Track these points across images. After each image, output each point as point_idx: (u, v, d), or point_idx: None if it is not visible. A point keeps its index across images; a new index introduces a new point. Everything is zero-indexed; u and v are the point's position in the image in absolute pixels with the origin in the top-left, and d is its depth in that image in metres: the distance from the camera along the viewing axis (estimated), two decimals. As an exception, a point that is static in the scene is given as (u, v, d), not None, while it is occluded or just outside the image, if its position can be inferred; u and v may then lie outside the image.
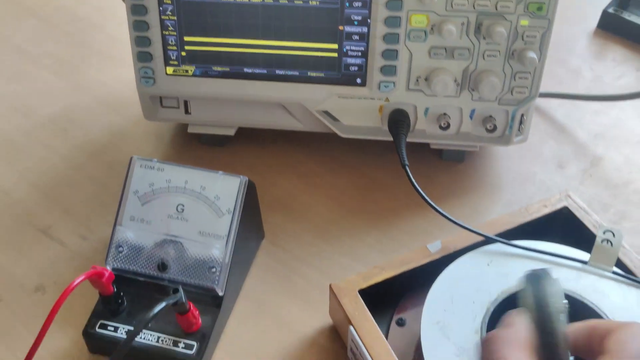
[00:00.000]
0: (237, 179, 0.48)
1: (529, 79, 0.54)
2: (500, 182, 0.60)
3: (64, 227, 0.56)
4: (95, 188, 0.60)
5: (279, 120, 0.59)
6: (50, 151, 0.63)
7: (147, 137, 0.65)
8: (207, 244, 0.47)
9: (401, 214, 0.58)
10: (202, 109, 0.59)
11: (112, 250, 0.48)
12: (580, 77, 0.72)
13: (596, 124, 0.66)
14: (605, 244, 0.46)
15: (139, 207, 0.49)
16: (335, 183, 0.61)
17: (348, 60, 0.55)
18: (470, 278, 0.45)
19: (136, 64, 0.57)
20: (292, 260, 0.54)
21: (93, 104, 0.69)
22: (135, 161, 0.49)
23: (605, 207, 0.58)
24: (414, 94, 0.55)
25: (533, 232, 0.49)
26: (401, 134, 0.55)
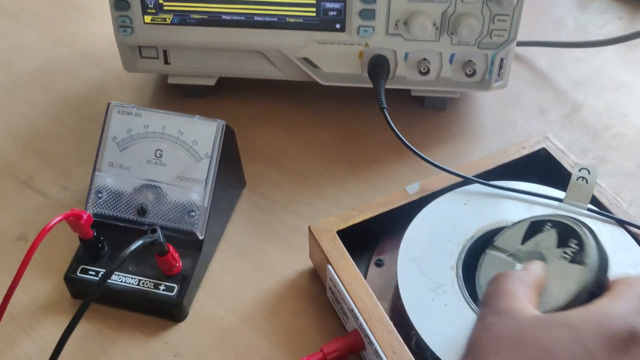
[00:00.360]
0: (214, 123, 0.48)
1: (508, 21, 0.54)
2: (481, 129, 0.61)
3: (45, 178, 0.56)
4: (75, 140, 0.60)
5: (259, 68, 0.59)
6: (31, 105, 0.63)
7: (128, 90, 0.64)
8: (186, 188, 0.48)
9: (381, 161, 0.58)
10: (181, 58, 0.59)
11: (91, 196, 0.48)
12: (563, 26, 0.71)
13: (578, 71, 0.66)
14: (581, 181, 0.46)
15: (118, 153, 0.49)
16: (316, 133, 0.61)
17: (327, 5, 0.55)
18: (447, 217, 0.45)
19: (113, 13, 0.56)
20: (273, 207, 0.54)
21: (73, 58, 0.68)
22: (113, 107, 0.49)
23: (584, 151, 0.58)
24: (394, 38, 0.55)
25: (511, 173, 0.50)
26: (380, 79, 0.55)
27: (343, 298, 0.42)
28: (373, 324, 0.40)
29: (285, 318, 0.47)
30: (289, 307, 0.47)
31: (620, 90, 0.64)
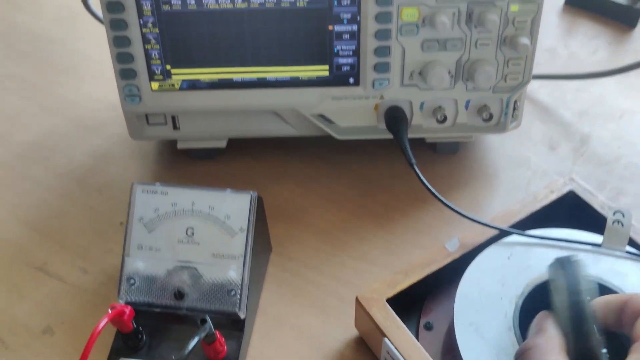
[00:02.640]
0: (247, 196, 0.47)
1: (522, 64, 0.54)
2: (496, 170, 0.61)
3: (61, 262, 0.54)
4: (87, 216, 0.57)
5: (272, 127, 0.58)
6: (33, 182, 0.60)
7: (133, 157, 0.62)
8: (222, 265, 0.46)
9: (404, 210, 0.57)
10: (191, 123, 0.57)
11: (123, 284, 0.46)
12: (556, 55, 0.73)
13: (579, 102, 0.67)
14: (617, 225, 0.47)
15: (146, 234, 0.47)
16: (333, 186, 0.60)
17: (339, 60, 0.54)
18: (494, 274, 0.45)
19: (119, 82, 0.54)
20: (302, 269, 0.53)
21: (69, 126, 0.66)
22: (136, 187, 0.47)
23: (601, 184, 0.59)
24: (409, 89, 0.55)
25: (543, 218, 0.50)
26: (402, 132, 0.54)
27: (406, 371, 0.41)
28: (444, 398, 0.39)
29: (338, 391, 0.45)
30: (340, 379, 0.46)
31: (623, 118, 0.65)
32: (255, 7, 0.51)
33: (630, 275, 0.45)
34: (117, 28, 0.51)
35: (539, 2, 0.51)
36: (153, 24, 0.52)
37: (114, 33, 0.51)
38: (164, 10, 0.51)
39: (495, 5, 0.51)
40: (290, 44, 0.53)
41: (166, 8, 0.51)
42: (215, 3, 0.51)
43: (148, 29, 0.52)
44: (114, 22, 0.51)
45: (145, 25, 0.52)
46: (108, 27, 0.51)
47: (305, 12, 0.51)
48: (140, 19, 0.51)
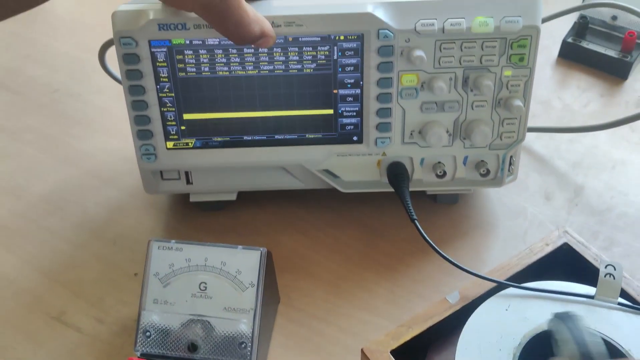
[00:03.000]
0: (257, 252, 0.49)
1: (516, 124, 0.57)
2: (494, 219, 0.63)
3: (78, 312, 0.56)
4: (102, 267, 0.60)
5: (281, 181, 0.61)
6: (49, 233, 0.63)
7: (146, 209, 0.65)
8: (234, 319, 0.48)
9: (407, 261, 0.60)
10: (203, 178, 0.60)
11: (139, 336, 0.48)
12: (551, 107, 0.76)
13: (572, 153, 0.70)
14: (608, 278, 0.49)
15: (161, 289, 0.49)
16: (338, 236, 0.62)
17: (344, 120, 0.57)
18: (492, 325, 0.47)
19: (136, 142, 0.57)
20: (309, 320, 0.55)
21: (84, 178, 0.69)
22: (152, 244, 0.50)
23: (594, 234, 0.62)
24: (410, 146, 0.58)
25: (538, 269, 0.52)
26: (404, 188, 0.57)
27: (410, 423, 0.43)
28: None
29: None
30: None
31: (615, 168, 0.68)
32: (265, 73, 0.54)
33: (623, 327, 0.47)
34: (135, 93, 0.54)
35: (531, 67, 0.54)
36: (169, 89, 0.55)
37: (132, 97, 0.55)
38: (179, 77, 0.54)
39: (490, 71, 0.54)
40: (297, 105, 0.56)
41: (182, 75, 0.54)
42: (227, 70, 0.54)
43: (164, 93, 0.55)
44: (133, 88, 0.54)
45: (162, 90, 0.55)
46: (127, 92, 0.54)
47: (311, 77, 0.55)
48: (157, 85, 0.54)
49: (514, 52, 0.54)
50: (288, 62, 0.54)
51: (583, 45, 0.80)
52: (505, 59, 0.54)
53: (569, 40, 0.81)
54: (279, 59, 0.54)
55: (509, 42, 0.53)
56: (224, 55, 0.54)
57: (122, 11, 0.52)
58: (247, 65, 0.54)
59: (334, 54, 0.54)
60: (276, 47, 0.54)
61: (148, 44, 0.53)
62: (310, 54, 0.54)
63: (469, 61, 0.54)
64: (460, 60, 0.54)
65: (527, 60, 0.54)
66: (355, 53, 0.54)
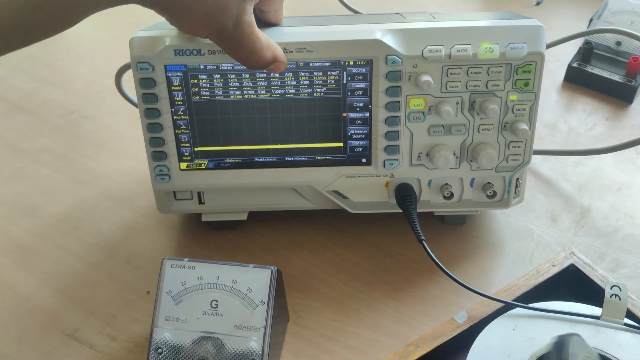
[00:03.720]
0: (267, 271, 0.50)
1: (522, 147, 0.58)
2: (501, 241, 0.64)
3: (91, 329, 0.57)
4: (116, 285, 0.61)
5: (291, 201, 0.62)
6: (65, 252, 0.64)
7: (159, 228, 0.66)
8: (244, 337, 0.49)
9: (414, 281, 0.61)
10: (215, 198, 0.62)
11: (151, 353, 0.49)
12: (557, 130, 0.77)
13: (578, 176, 0.71)
14: (614, 299, 0.50)
15: (174, 306, 0.50)
16: (346, 256, 0.63)
17: (353, 143, 0.59)
18: (500, 345, 0.48)
19: (151, 163, 0.59)
20: (318, 339, 0.56)
21: (98, 198, 0.70)
22: (166, 262, 0.51)
23: (601, 256, 0.62)
24: (417, 168, 0.59)
25: (545, 290, 0.53)
26: (411, 209, 0.58)
27: None
28: None
29: None
30: None
31: (620, 190, 0.69)
32: (277, 97, 0.56)
33: (629, 347, 0.48)
34: (151, 116, 0.56)
35: (536, 91, 0.56)
36: (183, 112, 0.57)
37: (147, 120, 0.56)
38: (194, 100, 0.56)
39: (496, 96, 0.56)
40: (307, 128, 0.58)
41: (196, 98, 0.56)
42: (240, 94, 0.56)
43: (179, 116, 0.57)
44: (149, 111, 0.56)
45: (176, 113, 0.57)
46: (143, 115, 0.56)
47: (321, 101, 0.56)
48: (172, 108, 0.56)
49: (519, 78, 0.55)
50: (299, 86, 0.56)
51: (588, 69, 0.82)
52: (510, 84, 0.56)
53: (574, 65, 0.83)
54: (290, 83, 0.56)
55: (514, 67, 0.55)
56: (237, 79, 0.56)
57: (140, 37, 0.54)
58: (260, 89, 0.56)
59: (344, 78, 0.56)
60: (287, 72, 0.55)
61: (164, 69, 0.55)
62: (320, 78, 0.56)
63: (475, 86, 0.55)
64: (467, 85, 0.55)
65: (532, 85, 0.56)
66: (364, 78, 0.56)
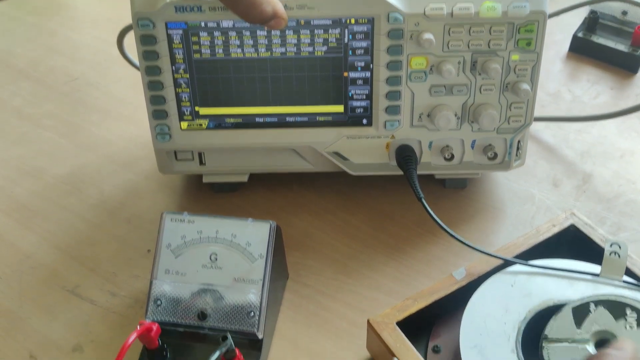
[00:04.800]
0: (266, 225, 0.51)
1: (524, 108, 0.58)
2: (502, 204, 0.64)
3: (92, 286, 0.58)
4: (117, 244, 0.61)
5: (291, 163, 0.62)
6: (67, 212, 0.65)
7: (161, 190, 0.67)
8: (243, 289, 0.50)
9: (415, 242, 0.61)
10: (216, 159, 0.62)
11: (150, 305, 0.50)
12: (560, 99, 0.77)
13: (581, 143, 0.71)
14: (613, 256, 0.50)
15: (173, 259, 0.51)
16: (347, 219, 0.63)
17: (354, 103, 0.59)
18: (497, 300, 0.48)
19: (152, 122, 0.59)
20: (317, 296, 0.56)
21: (101, 162, 0.70)
22: (165, 216, 0.51)
23: (602, 220, 0.62)
24: (418, 129, 0.59)
25: (545, 249, 0.53)
26: (412, 169, 0.58)
27: (413, 389, 0.44)
28: (449, 415, 0.41)
29: (350, 410, 0.48)
30: (352, 399, 0.49)
31: (623, 157, 0.69)
32: (277, 56, 0.56)
33: (628, 304, 0.48)
34: (151, 73, 0.56)
35: (538, 51, 0.55)
36: (184, 70, 0.57)
37: (148, 78, 0.57)
38: (194, 58, 0.56)
39: (498, 55, 0.55)
40: (308, 88, 0.58)
41: (197, 56, 0.56)
42: (240, 52, 0.56)
43: (180, 74, 0.57)
44: (149, 69, 0.56)
45: (177, 71, 0.57)
46: (143, 72, 0.56)
47: (322, 60, 0.56)
48: (172, 66, 0.56)
49: (521, 37, 0.55)
50: (300, 44, 0.56)
51: (593, 39, 0.81)
52: (512, 43, 0.55)
53: (579, 35, 0.82)
54: (291, 41, 0.56)
55: (517, 27, 0.54)
56: (238, 37, 0.55)
57: (141, -7, 0.54)
58: (260, 47, 0.56)
59: (345, 37, 0.56)
60: (288, 30, 0.55)
61: (165, 26, 0.55)
62: (321, 36, 0.56)
63: (477, 45, 0.55)
64: (469, 44, 0.55)
65: (535, 44, 0.55)
66: (365, 36, 0.55)
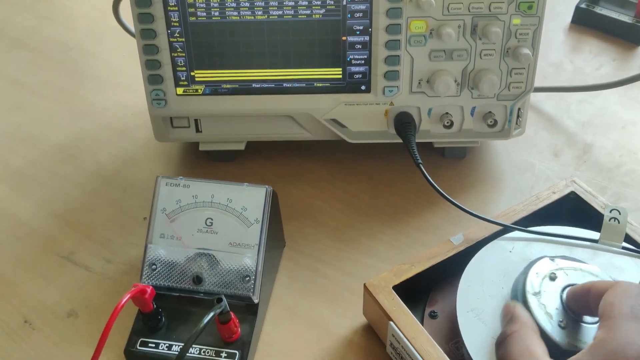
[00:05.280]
0: (262, 189, 0.50)
1: (524, 74, 0.57)
2: (502, 174, 0.63)
3: (87, 252, 0.57)
4: (112, 211, 0.61)
5: (289, 131, 0.61)
6: (62, 179, 0.64)
7: (158, 158, 0.66)
8: (238, 254, 0.49)
9: (412, 211, 0.60)
10: (212, 126, 0.61)
11: (145, 269, 0.49)
12: (562, 69, 0.76)
13: (582, 113, 0.70)
14: (613, 222, 0.49)
15: (168, 224, 0.50)
16: (345, 188, 0.63)
17: (352, 69, 0.58)
18: (496, 265, 0.47)
19: (147, 87, 0.58)
20: (314, 264, 0.56)
21: (97, 130, 0.70)
22: (160, 180, 0.51)
23: (602, 190, 0.61)
24: (417, 96, 0.58)
25: (545, 216, 0.52)
26: (410, 135, 0.57)
27: (409, 353, 0.43)
28: (444, 376, 0.41)
29: (346, 375, 0.48)
30: (348, 364, 0.48)
31: (625, 128, 0.68)
32: (274, 18, 0.55)
33: (628, 270, 0.47)
34: (146, 37, 0.55)
35: (540, 15, 0.54)
36: (180, 34, 0.56)
37: (143, 42, 0.56)
38: (190, 21, 0.55)
39: (498, 19, 0.54)
40: (306, 52, 0.57)
41: (192, 19, 0.55)
42: (237, 15, 0.55)
43: (175, 38, 0.56)
44: (144, 32, 0.55)
45: (173, 35, 0.56)
46: (138, 36, 0.55)
47: (320, 23, 0.55)
48: (168, 29, 0.55)
49: (522, 0, 0.54)
50: (297, 7, 0.55)
51: (596, 10, 0.80)
52: (514, 6, 0.54)
53: (582, 6, 0.81)
54: (288, 3, 0.55)
55: (518, -10, 0.53)
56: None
57: (135, -46, 0.53)
58: (257, 10, 0.55)
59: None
60: (286, -8, 0.54)
61: (160, -12, 0.54)
62: (319, -1, 0.55)
63: (477, 8, 0.54)
64: (469, 8, 0.54)
65: (536, 8, 0.54)
66: (364, -1, 0.54)
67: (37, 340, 0.51)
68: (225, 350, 0.47)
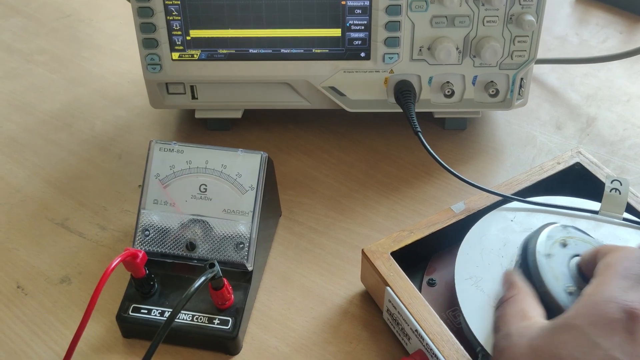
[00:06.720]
0: (257, 155, 0.49)
1: (528, 42, 0.56)
2: (502, 146, 0.62)
3: (82, 219, 0.56)
4: (107, 179, 0.60)
5: (286, 99, 0.60)
6: (57, 146, 0.63)
7: (153, 127, 0.65)
8: (232, 220, 0.48)
9: (410, 182, 0.59)
10: (208, 93, 0.60)
11: (138, 235, 0.49)
12: (567, 42, 0.74)
13: (586, 86, 0.68)
14: (614, 193, 0.48)
15: (162, 189, 0.49)
16: (343, 158, 0.62)
17: (352, 34, 0.56)
18: (496, 234, 0.46)
19: (142, 51, 0.57)
20: (310, 233, 0.55)
21: (93, 97, 0.69)
22: (154, 145, 0.50)
23: (605, 163, 0.60)
24: (418, 64, 0.57)
25: (549, 187, 0.51)
26: (409, 103, 0.56)
27: (405, 319, 0.43)
28: (440, 343, 0.40)
29: (340, 344, 0.47)
30: (342, 333, 0.48)
31: (629, 102, 0.67)
32: (272, -22, 0.54)
33: (631, 241, 0.46)
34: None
35: (545, -20, 0.53)
36: (175, -5, 0.54)
37: (138, 4, 0.54)
38: (185, -19, 0.54)
39: (502, -18, 0.53)
40: (304, 17, 0.55)
41: (188, -22, 0.54)
42: (234, -26, 0.53)
43: (170, 0, 0.55)
44: (139, -8, 0.54)
45: (168, -4, 0.54)
46: (133, -3, 0.54)
47: (319, -16, 0.54)
48: (163, -10, 0.54)
49: (528, -35, 0.52)
50: (296, -30, 0.53)
51: (604, -18, 0.78)
52: (518, -28, 0.53)
53: (589, -23, 0.79)
54: (287, -34, 0.53)
55: (524, -46, 0.52)
56: (232, -38, 0.53)
57: None
58: (255, -28, 0.53)
59: (343, -37, 0.53)
60: (284, -46, 0.53)
61: (155, -52, 0.52)
62: (318, -38, 0.53)
63: (481, -27, 0.53)
64: (473, -27, 0.53)
65: (542, -26, 0.53)
66: (364, -38, 0.53)
67: (30, 305, 0.50)
68: (218, 317, 0.47)
